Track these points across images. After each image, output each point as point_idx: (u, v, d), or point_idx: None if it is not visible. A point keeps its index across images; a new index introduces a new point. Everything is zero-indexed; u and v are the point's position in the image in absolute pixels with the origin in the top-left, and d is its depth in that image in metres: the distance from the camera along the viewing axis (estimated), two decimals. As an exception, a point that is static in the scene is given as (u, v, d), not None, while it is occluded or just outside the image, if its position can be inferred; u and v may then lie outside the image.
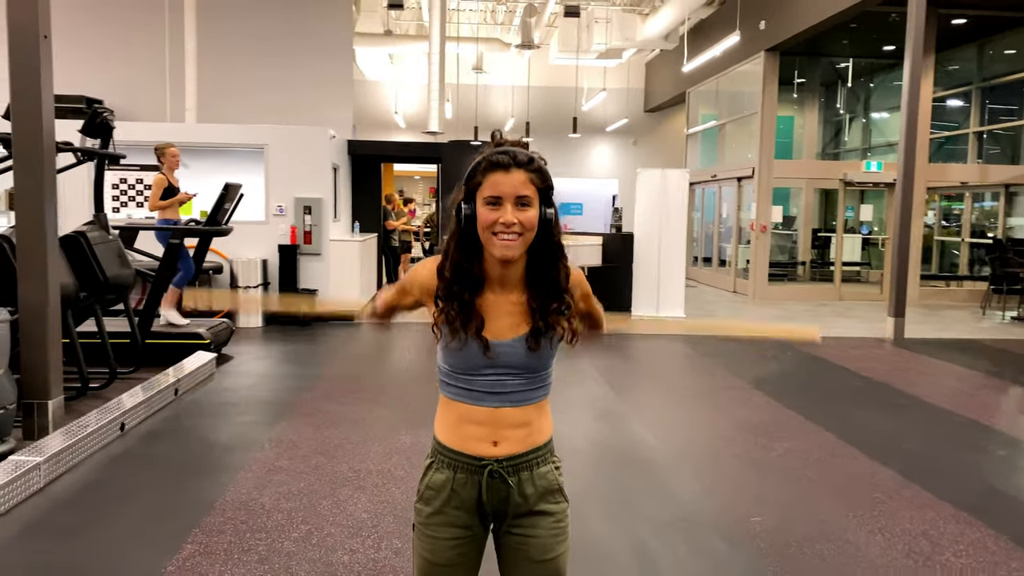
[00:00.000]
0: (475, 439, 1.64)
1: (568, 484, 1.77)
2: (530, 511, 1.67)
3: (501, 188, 1.53)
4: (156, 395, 5.40)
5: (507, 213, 1.53)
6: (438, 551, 1.67)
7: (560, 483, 1.73)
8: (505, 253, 1.55)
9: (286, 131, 9.21)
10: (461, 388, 1.65)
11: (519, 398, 1.64)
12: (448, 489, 1.65)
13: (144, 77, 10.59)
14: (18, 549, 3.25)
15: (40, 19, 4.42)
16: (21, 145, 4.47)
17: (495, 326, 1.62)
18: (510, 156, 1.54)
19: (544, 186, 1.58)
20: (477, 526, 1.69)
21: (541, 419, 1.70)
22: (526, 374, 1.63)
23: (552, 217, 1.59)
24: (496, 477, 1.64)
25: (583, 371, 7.22)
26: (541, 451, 1.69)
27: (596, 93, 17.93)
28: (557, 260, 1.63)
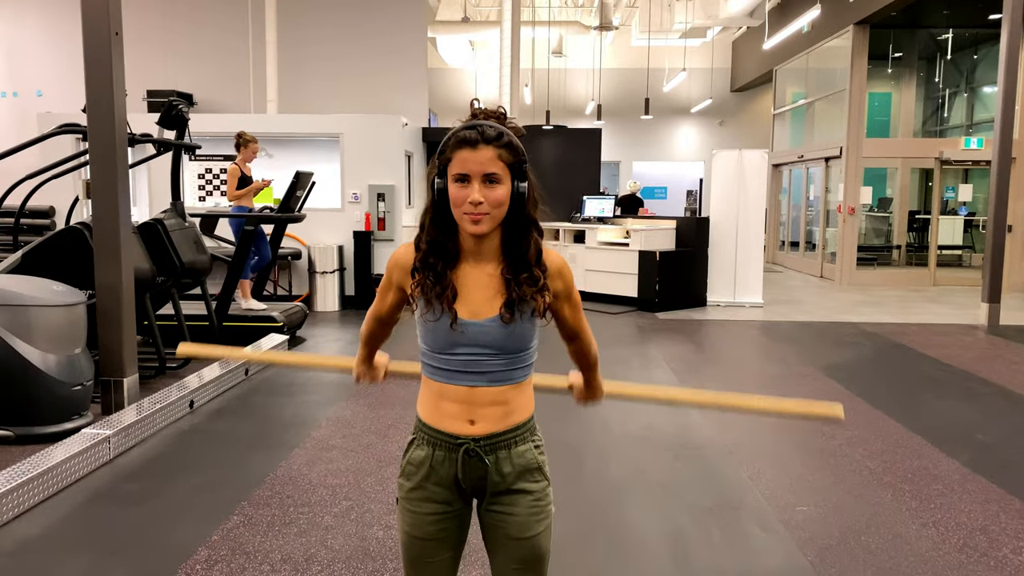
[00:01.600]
0: (451, 417, 1.65)
1: (611, 468, 1.77)
2: (508, 489, 1.68)
3: (468, 166, 1.53)
4: (227, 374, 5.66)
5: (474, 192, 1.53)
6: (419, 526, 1.70)
7: (540, 462, 1.73)
8: (473, 230, 1.56)
9: (360, 120, 9.42)
10: (437, 367, 1.65)
11: (495, 378, 1.64)
12: (427, 466, 1.67)
13: (230, 72, 11.03)
14: (82, 516, 3.48)
15: (111, 17, 4.66)
16: (95, 137, 4.74)
17: (470, 300, 1.62)
18: (478, 132, 1.53)
19: (515, 160, 1.57)
20: (457, 502, 1.70)
21: (520, 398, 1.69)
22: (503, 354, 1.63)
23: (524, 191, 1.58)
24: (473, 456, 1.64)
25: (650, 357, 7.13)
26: (520, 430, 1.69)
27: (679, 74, 17.53)
28: (528, 235, 1.62)
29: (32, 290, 4.42)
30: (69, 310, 4.52)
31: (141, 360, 5.19)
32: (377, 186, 9.36)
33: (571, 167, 11.29)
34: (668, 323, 8.85)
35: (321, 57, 11.19)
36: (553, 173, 11.29)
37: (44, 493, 3.57)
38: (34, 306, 4.37)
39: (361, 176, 9.39)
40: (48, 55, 10.27)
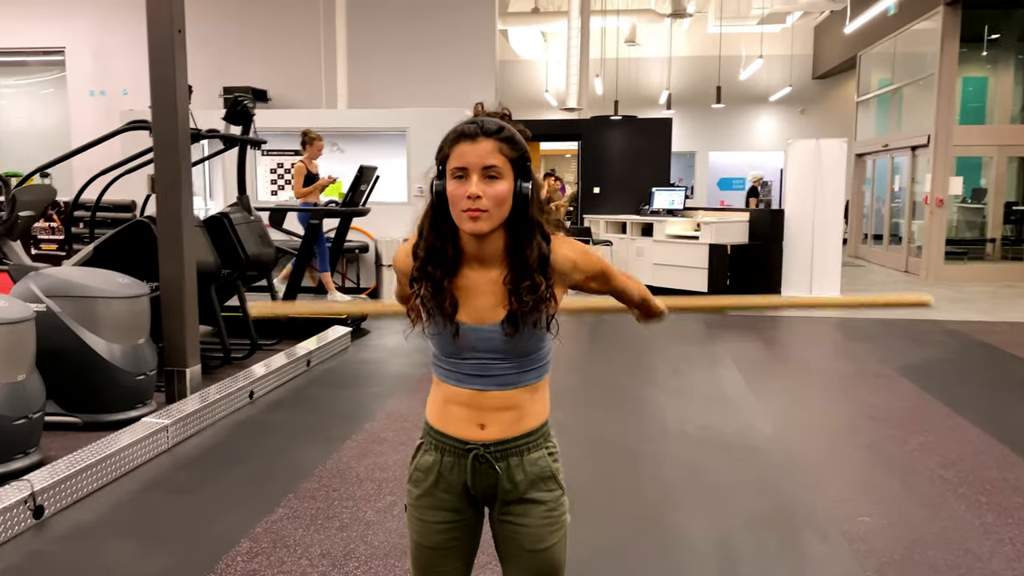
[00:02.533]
0: (460, 421, 1.59)
1: (665, 469, 1.68)
2: (520, 498, 1.60)
3: (467, 158, 1.46)
4: (288, 366, 5.75)
5: (472, 185, 1.45)
6: (427, 534, 1.64)
7: (554, 470, 1.63)
8: (471, 228, 1.47)
9: (426, 114, 9.44)
10: (447, 369, 1.59)
11: (505, 381, 1.56)
12: (435, 472, 1.61)
13: (303, 68, 11.23)
14: (136, 503, 3.57)
15: (174, 15, 4.76)
16: (159, 133, 4.85)
17: (472, 307, 1.54)
18: (478, 125, 1.47)
19: (517, 156, 1.48)
20: (467, 510, 1.63)
21: (533, 403, 1.61)
22: (513, 358, 1.56)
23: (527, 192, 1.49)
24: (483, 462, 1.58)
25: (715, 355, 6.91)
26: (532, 436, 1.60)
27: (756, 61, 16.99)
28: (531, 239, 1.51)
29: (98, 282, 4.57)
30: (133, 302, 4.65)
31: (207, 351, 5.32)
32: (443, 181, 9.35)
33: (640, 158, 11.08)
34: (739, 320, 8.57)
35: (390, 52, 11.28)
36: (621, 165, 11.11)
37: (102, 480, 3.68)
38: (100, 297, 4.51)
39: (426, 170, 9.39)
40: (132, 55, 10.64)
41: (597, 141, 11.11)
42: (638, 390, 5.67)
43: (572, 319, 8.94)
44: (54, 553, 3.07)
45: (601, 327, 8.32)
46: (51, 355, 4.26)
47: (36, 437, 3.92)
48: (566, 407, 5.20)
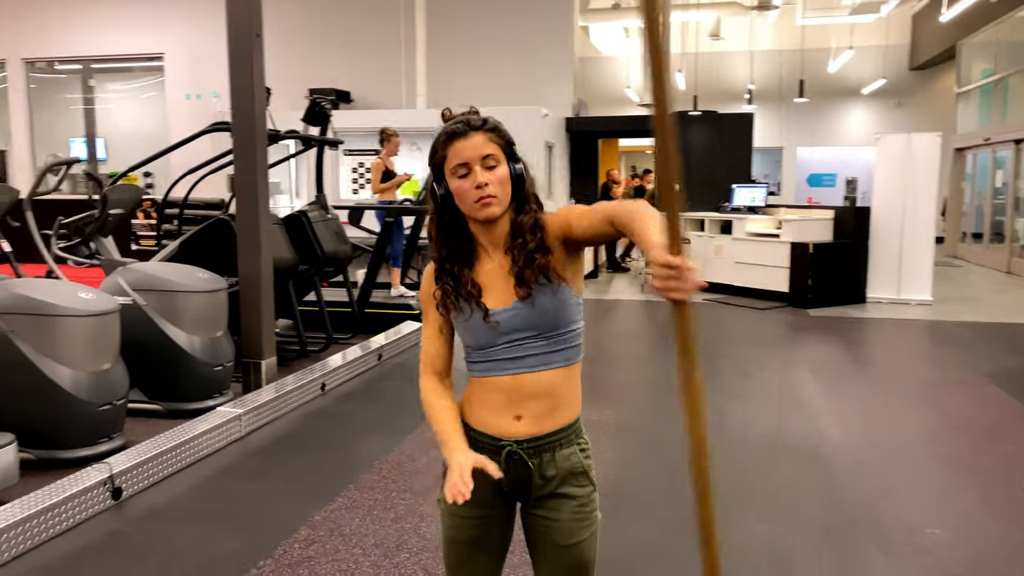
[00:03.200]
0: (497, 412, 1.61)
1: (723, 473, 1.68)
2: (552, 494, 1.63)
3: (465, 154, 1.54)
4: (360, 359, 5.91)
5: (477, 175, 1.53)
6: (460, 529, 1.67)
7: (585, 466, 1.65)
8: (486, 213, 1.55)
9: (499, 112, 9.42)
10: (482, 362, 1.63)
11: (539, 361, 1.59)
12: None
13: (384, 69, 11.48)
14: (207, 488, 3.75)
15: (252, 19, 4.96)
16: (238, 134, 5.07)
17: (494, 292, 1.60)
18: (464, 123, 1.56)
19: (505, 142, 1.58)
20: (500, 506, 1.66)
21: (568, 391, 1.63)
22: (543, 334, 1.58)
23: (521, 172, 1.59)
24: (516, 458, 1.60)
25: (789, 357, 6.73)
26: (565, 432, 1.63)
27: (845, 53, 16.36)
28: (526, 208, 1.60)
29: (180, 277, 4.81)
30: (212, 296, 4.87)
31: (285, 343, 5.52)
32: (517, 177, 9.41)
33: (720, 154, 10.85)
34: (819, 321, 8.30)
35: (469, 52, 11.41)
36: (700, 161, 10.89)
37: (177, 465, 3.88)
38: (181, 292, 4.74)
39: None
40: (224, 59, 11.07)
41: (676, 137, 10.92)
42: (705, 391, 5.56)
43: (642, 312, 8.85)
44: (129, 533, 3.26)
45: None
46: (136, 346, 4.51)
47: (120, 423, 4.16)
48: (626, 406, 5.16)
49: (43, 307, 3.86)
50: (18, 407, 3.84)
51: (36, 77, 13.65)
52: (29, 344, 3.84)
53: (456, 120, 1.57)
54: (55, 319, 3.87)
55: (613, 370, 6.24)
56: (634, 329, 8.28)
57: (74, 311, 3.91)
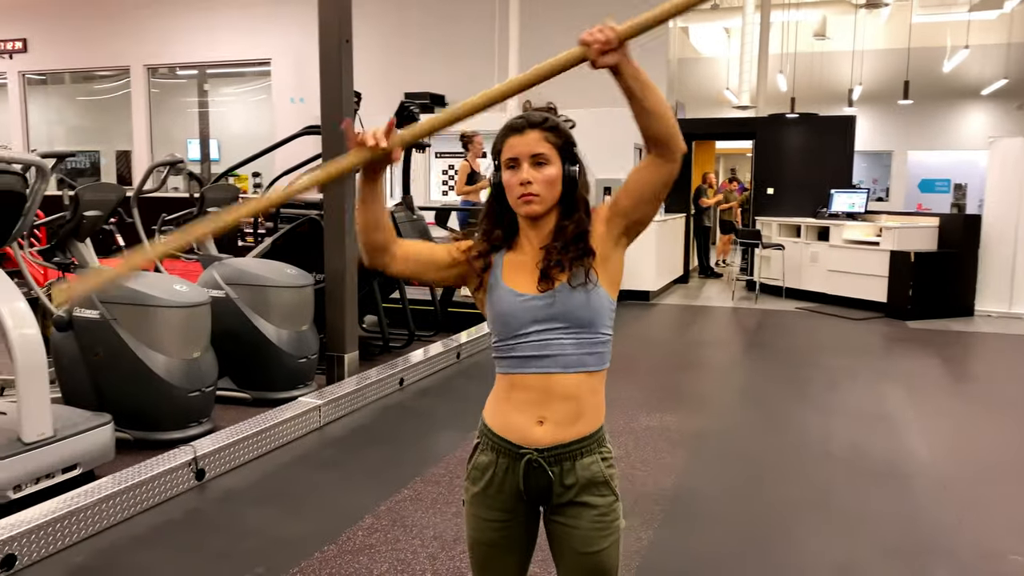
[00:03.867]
0: (521, 410, 1.61)
1: (793, 488, 1.69)
2: (572, 501, 1.64)
3: (517, 149, 1.59)
4: (439, 356, 6.04)
5: (523, 172, 1.58)
6: (483, 531, 1.70)
7: (607, 475, 1.65)
8: (526, 211, 1.60)
9: (588, 114, 9.40)
10: (511, 356, 1.62)
11: (568, 361, 1.59)
12: (491, 472, 1.66)
13: (478, 72, 11.64)
14: (283, 474, 3.93)
15: (342, 25, 5.16)
16: (327, 135, 5.28)
17: (523, 279, 1.62)
18: (524, 119, 1.61)
19: (563, 143, 1.61)
20: (521, 510, 1.68)
21: (593, 398, 1.63)
22: (574, 329, 1.59)
23: (574, 174, 1.61)
24: (536, 467, 1.62)
25: (882, 369, 6.45)
26: (587, 442, 1.63)
27: (963, 52, 15.47)
28: (573, 214, 1.62)
29: (269, 272, 5.05)
30: (299, 291, 5.10)
31: (370, 339, 5.71)
32: (604, 180, 9.37)
33: (819, 158, 10.49)
34: (919, 333, 7.91)
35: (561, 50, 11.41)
36: (797, 165, 10.57)
37: (257, 451, 4.09)
38: (270, 286, 4.98)
39: (591, 170, 9.45)
40: (327, 64, 11.53)
41: (772, 140, 10.64)
42: (786, 402, 5.42)
43: (731, 319, 8.64)
44: (207, 512, 3.46)
45: (761, 333, 8.00)
46: (227, 336, 4.78)
47: (208, 408, 4.41)
48: (704, 413, 5.08)
49: (142, 298, 4.13)
50: (118, 390, 4.13)
51: (156, 82, 14.55)
52: (129, 332, 4.12)
53: (520, 115, 1.62)
54: (152, 309, 4.14)
55: (695, 376, 6.15)
56: (721, 336, 8.11)
57: (169, 302, 4.18)
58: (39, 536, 2.93)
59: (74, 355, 4.19)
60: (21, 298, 3.45)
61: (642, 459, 4.16)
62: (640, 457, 4.18)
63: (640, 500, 3.61)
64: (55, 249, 4.47)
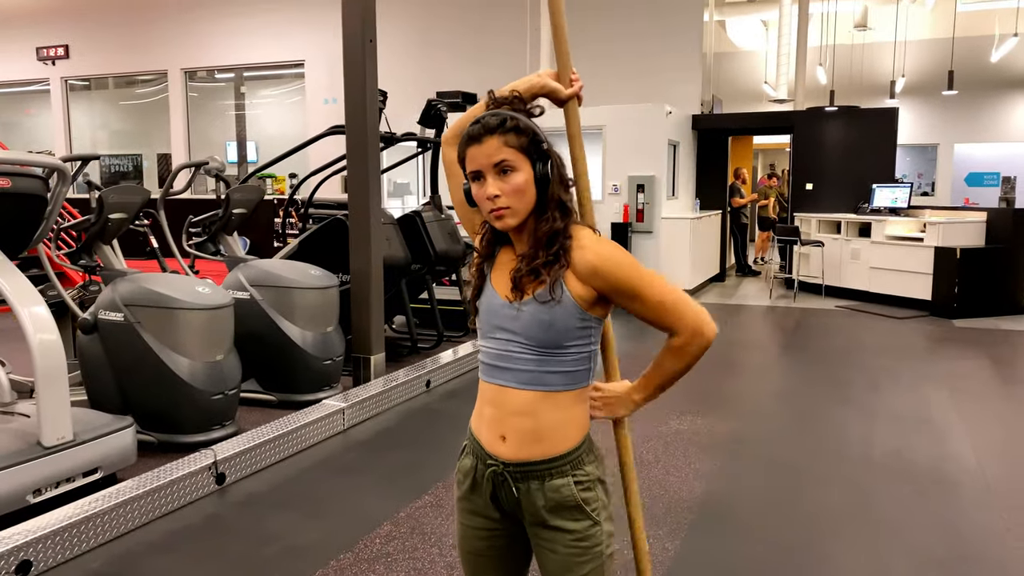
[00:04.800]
0: (487, 426, 1.55)
1: (832, 495, 1.60)
2: (545, 524, 1.53)
3: (478, 161, 1.46)
4: (467, 357, 5.97)
5: (489, 186, 1.46)
6: (467, 539, 1.62)
7: (580, 500, 1.51)
8: (500, 226, 1.49)
9: (622, 111, 9.34)
10: (480, 360, 1.57)
11: (525, 377, 1.48)
12: (471, 477, 1.59)
13: (509, 70, 11.56)
14: (304, 478, 3.89)
15: (366, 26, 5.10)
16: (351, 136, 5.23)
17: (499, 280, 1.54)
18: (481, 125, 1.46)
19: (528, 141, 1.45)
20: (505, 521, 1.59)
21: (553, 417, 1.49)
22: (534, 347, 1.47)
23: (546, 171, 1.46)
24: (502, 480, 1.53)
25: (926, 371, 6.21)
26: (555, 463, 1.51)
27: (1012, 41, 14.93)
28: (545, 213, 1.48)
29: (293, 273, 5.02)
30: (323, 292, 5.05)
31: (398, 340, 5.65)
32: (637, 177, 9.23)
33: (860, 152, 10.19)
34: (965, 332, 7.62)
35: (594, 50, 11.26)
36: (837, 159, 10.29)
37: (278, 455, 4.05)
38: (294, 288, 4.95)
39: (622, 167, 9.33)
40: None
41: (811, 134, 10.36)
42: (825, 405, 5.23)
43: (768, 319, 8.43)
44: (226, 517, 3.42)
45: (799, 333, 7.79)
46: (252, 338, 4.75)
47: (232, 411, 4.38)
48: (738, 416, 4.92)
49: (164, 300, 4.12)
50: (141, 393, 4.12)
51: (195, 86, 14.74)
52: (152, 335, 4.11)
53: (477, 119, 1.47)
54: (174, 312, 4.12)
55: (729, 378, 5.98)
56: (757, 336, 7.91)
57: (191, 305, 4.15)
58: (55, 542, 2.92)
59: (99, 358, 4.19)
60: (42, 303, 3.44)
61: (672, 465, 4.03)
62: (670, 463, 4.05)
63: (669, 508, 3.49)
64: (81, 252, 4.49)
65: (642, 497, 3.50)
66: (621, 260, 1.48)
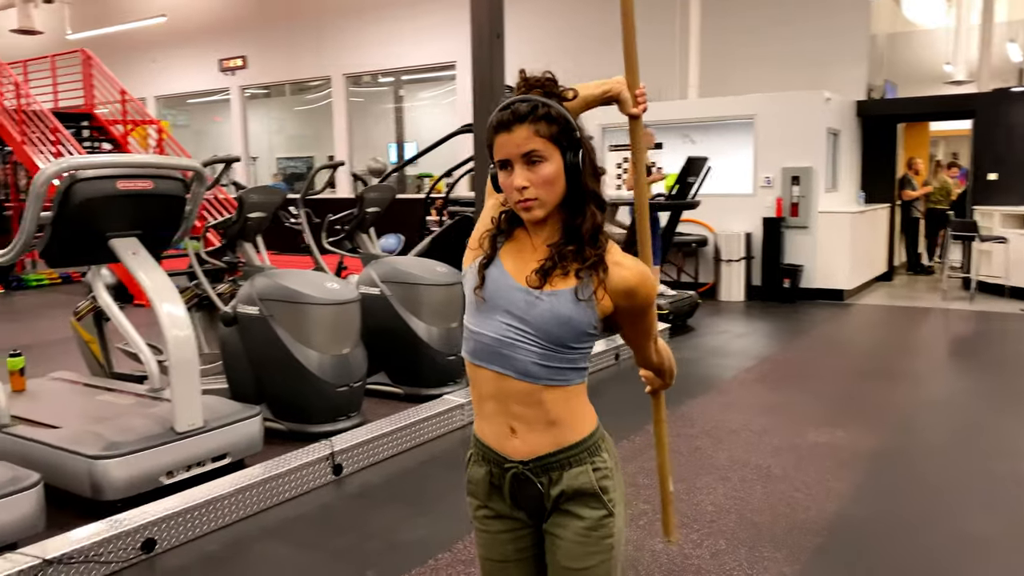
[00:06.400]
0: (492, 422, 1.49)
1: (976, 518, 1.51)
2: (560, 509, 1.49)
3: (506, 150, 1.40)
4: (594, 356, 5.83)
5: (517, 176, 1.40)
6: (493, 546, 1.58)
7: (599, 487, 1.48)
8: (528, 217, 1.43)
9: (775, 99, 8.80)
10: (472, 340, 1.48)
11: (526, 368, 1.42)
12: (487, 483, 1.54)
13: (657, 59, 11.21)
14: (417, 473, 3.93)
15: (493, 19, 5.09)
16: (478, 132, 5.23)
17: (512, 261, 1.47)
18: (510, 112, 1.39)
19: (559, 130, 1.39)
20: (524, 523, 1.54)
21: (563, 407, 1.46)
22: (539, 339, 1.41)
23: (577, 162, 1.40)
24: (523, 479, 1.48)
25: None
26: (573, 451, 1.47)
27: None
28: (584, 209, 1.42)
29: (420, 270, 5.10)
30: (448, 289, 5.10)
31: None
32: (791, 168, 8.67)
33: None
34: None
35: (746, 38, 10.69)
36: None
37: (397, 448, 4.12)
38: (421, 284, 5.03)
39: (775, 158, 8.79)
40: (507, 62, 11.60)
41: (995, 118, 9.29)
42: (992, 421, 4.65)
43: (939, 323, 7.64)
44: (338, 508, 3.51)
45: (972, 339, 7.01)
46: (382, 333, 4.88)
47: (357, 403, 4.51)
48: (888, 429, 4.48)
49: (294, 295, 4.30)
50: (273, 383, 4.34)
51: (359, 91, 15.48)
52: (284, 328, 4.30)
53: (505, 105, 1.41)
54: (303, 306, 4.29)
55: (883, 387, 5.47)
56: (923, 341, 7.22)
57: (319, 300, 4.31)
58: (177, 523, 3.10)
59: (238, 349, 4.45)
60: (178, 300, 3.68)
61: (802, 481, 3.71)
62: (801, 479, 3.74)
63: (791, 529, 3.22)
64: (225, 249, 4.78)
65: (763, 516, 3.27)
66: (651, 284, 1.45)
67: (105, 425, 3.61)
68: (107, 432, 3.48)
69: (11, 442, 3.56)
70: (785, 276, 8.63)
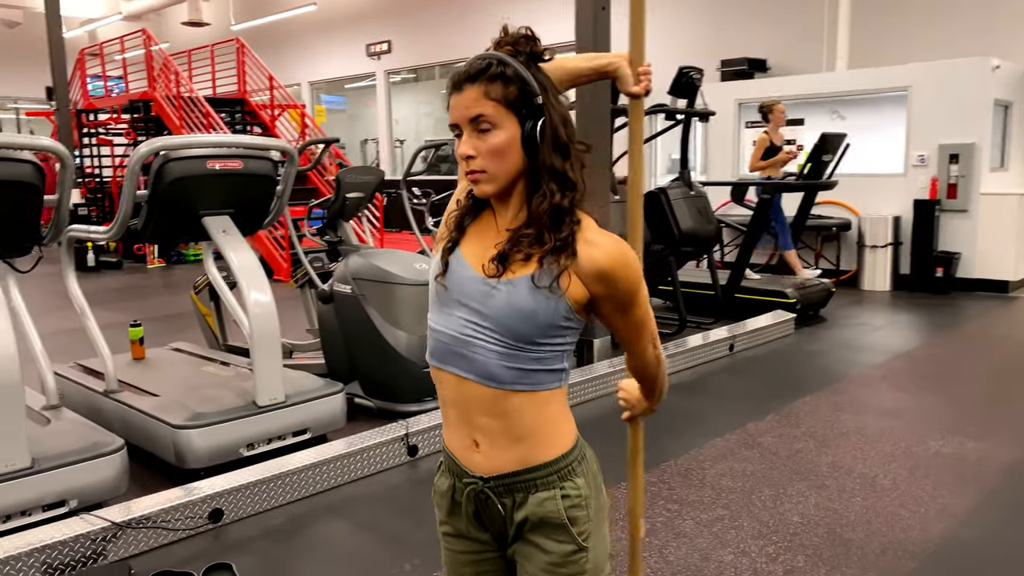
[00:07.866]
0: (454, 430, 1.34)
1: None
2: (523, 538, 1.32)
3: (456, 113, 1.24)
4: (703, 347, 5.51)
5: (463, 143, 1.24)
6: (453, 565, 1.44)
7: (566, 518, 1.28)
8: (476, 191, 1.27)
9: (934, 68, 7.92)
10: (432, 339, 1.33)
11: (487, 370, 1.25)
12: (450, 498, 1.39)
13: (803, 31, 10.44)
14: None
15: (601, -8, 4.87)
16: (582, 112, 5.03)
17: (472, 248, 1.31)
18: (463, 70, 1.23)
19: (516, 95, 1.21)
20: (491, 544, 1.38)
21: (536, 421, 1.28)
22: (499, 334, 1.24)
23: (535, 133, 1.21)
24: (484, 497, 1.32)
25: None
26: (541, 472, 1.29)
27: None
28: (540, 186, 1.24)
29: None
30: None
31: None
32: (949, 145, 7.80)
33: None
34: None
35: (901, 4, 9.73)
36: None
37: (476, 433, 4.05)
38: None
39: (931, 134, 7.94)
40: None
41: None
42: None
43: None
44: (403, 491, 3.50)
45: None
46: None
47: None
48: (980, 431, 3.90)
49: (384, 275, 4.33)
50: (364, 361, 4.40)
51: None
52: (374, 307, 4.34)
53: (468, 62, 1.25)
54: (392, 286, 4.31)
55: None
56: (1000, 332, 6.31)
57: (408, 280, 4.31)
58: (245, 495, 3.19)
59: (333, 327, 4.54)
60: (263, 279, 3.77)
61: (912, 495, 3.31)
62: (911, 493, 3.34)
63: (886, 548, 2.87)
64: (326, 228, 4.89)
65: (856, 532, 2.93)
66: (631, 265, 1.24)
67: (195, 395, 3.78)
68: (194, 403, 3.65)
69: (115, 407, 3.81)
70: (938, 264, 7.81)
